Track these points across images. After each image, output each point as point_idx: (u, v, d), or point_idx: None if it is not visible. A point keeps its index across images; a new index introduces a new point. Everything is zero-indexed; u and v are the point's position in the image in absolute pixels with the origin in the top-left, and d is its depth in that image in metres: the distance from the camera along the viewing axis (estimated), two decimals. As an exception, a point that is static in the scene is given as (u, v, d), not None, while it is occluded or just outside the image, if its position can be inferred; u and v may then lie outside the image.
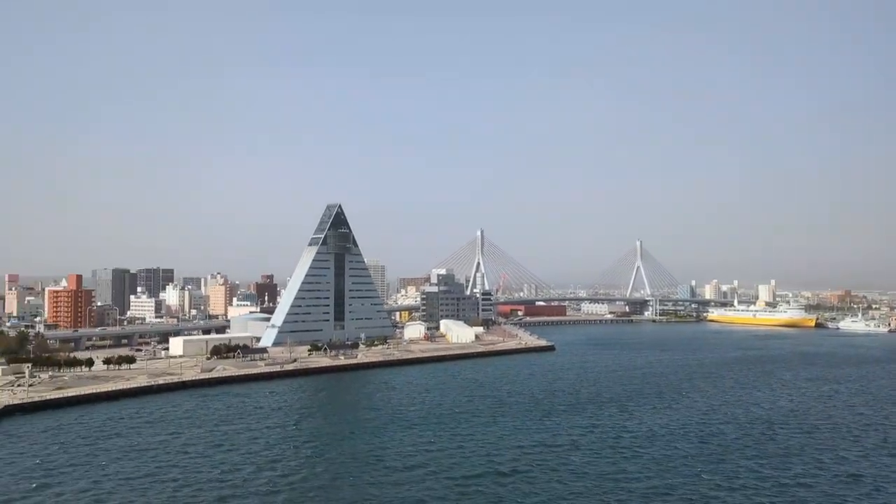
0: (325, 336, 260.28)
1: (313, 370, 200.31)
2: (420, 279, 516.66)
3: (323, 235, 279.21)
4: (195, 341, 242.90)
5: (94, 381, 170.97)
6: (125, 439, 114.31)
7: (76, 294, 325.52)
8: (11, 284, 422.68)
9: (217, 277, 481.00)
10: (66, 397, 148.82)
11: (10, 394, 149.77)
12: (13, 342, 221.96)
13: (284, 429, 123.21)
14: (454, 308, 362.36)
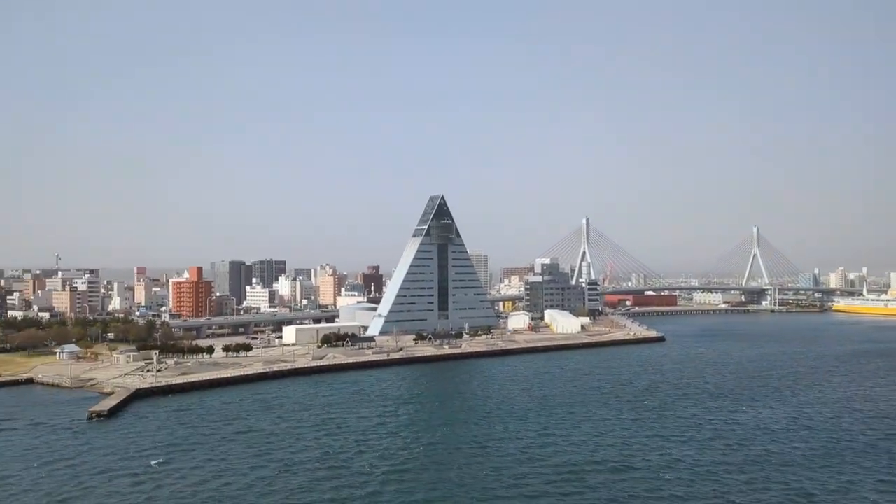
0: (430, 326, 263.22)
1: (418, 359, 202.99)
2: (523, 269, 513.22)
3: (426, 226, 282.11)
4: (306, 330, 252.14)
5: (215, 367, 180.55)
6: (241, 422, 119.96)
7: (197, 285, 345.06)
8: (140, 276, 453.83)
9: (326, 268, 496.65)
10: (189, 382, 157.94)
11: (141, 378, 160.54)
12: (142, 330, 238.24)
13: (390, 415, 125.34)
14: (559, 298, 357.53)
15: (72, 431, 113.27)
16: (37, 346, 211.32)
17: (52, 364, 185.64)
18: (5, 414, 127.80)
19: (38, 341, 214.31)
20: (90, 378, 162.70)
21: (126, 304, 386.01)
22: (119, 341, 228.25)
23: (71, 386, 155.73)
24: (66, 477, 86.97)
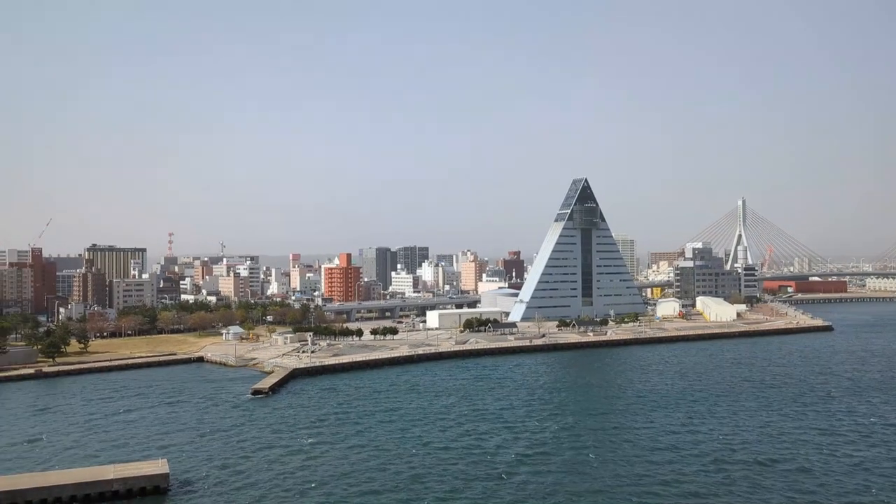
0: (573, 312, 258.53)
1: (561, 345, 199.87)
2: (673, 253, 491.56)
3: (569, 211, 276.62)
4: (449, 315, 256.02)
5: (364, 349, 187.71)
6: (388, 402, 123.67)
7: (346, 271, 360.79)
8: (294, 263, 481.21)
9: (468, 254, 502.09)
10: (341, 363, 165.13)
11: (297, 358, 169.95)
12: (298, 314, 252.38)
13: (531, 400, 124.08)
14: (712, 284, 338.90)
15: (237, 407, 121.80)
16: (206, 327, 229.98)
17: (219, 344, 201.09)
18: (180, 388, 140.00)
19: (207, 323, 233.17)
20: (252, 357, 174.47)
21: (283, 288, 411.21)
22: (277, 323, 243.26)
23: (236, 364, 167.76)
24: (230, 448, 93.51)
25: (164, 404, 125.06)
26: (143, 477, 75.75)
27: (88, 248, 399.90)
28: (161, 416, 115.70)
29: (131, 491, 74.06)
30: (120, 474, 75.85)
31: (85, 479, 74.97)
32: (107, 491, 73.50)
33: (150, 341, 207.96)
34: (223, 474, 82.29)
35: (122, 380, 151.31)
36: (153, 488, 75.07)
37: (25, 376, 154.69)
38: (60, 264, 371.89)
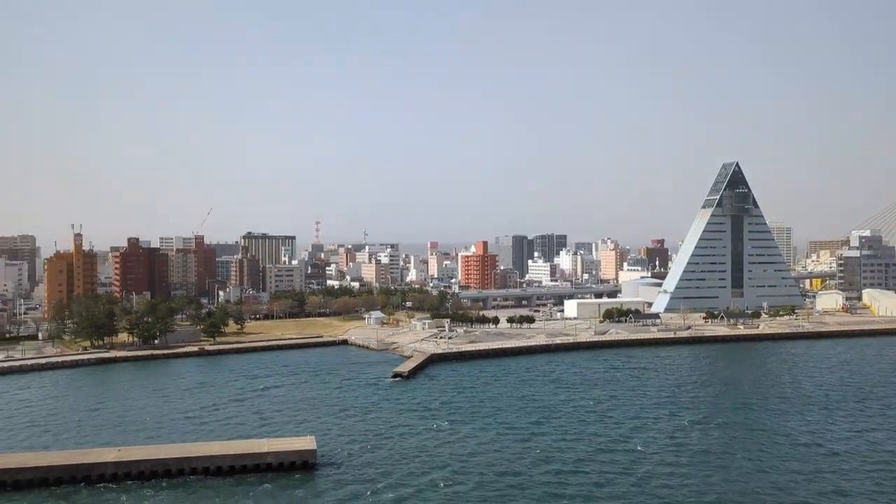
0: (722, 303, 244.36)
1: (708, 338, 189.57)
2: (836, 242, 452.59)
3: (718, 196, 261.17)
4: (588, 304, 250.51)
5: (500, 336, 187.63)
6: (524, 390, 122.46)
7: (483, 259, 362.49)
8: (432, 250, 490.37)
9: (608, 242, 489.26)
10: (477, 350, 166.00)
11: (435, 344, 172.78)
12: (435, 300, 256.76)
13: (673, 394, 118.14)
14: (881, 275, 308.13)
15: (378, 388, 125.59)
16: (349, 311, 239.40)
17: (362, 328, 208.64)
18: (326, 369, 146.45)
19: (351, 307, 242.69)
20: (393, 342, 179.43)
21: (421, 275, 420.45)
22: (416, 309, 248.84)
23: (377, 348, 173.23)
24: (371, 427, 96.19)
25: (310, 384, 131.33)
26: (294, 452, 79.58)
27: (244, 235, 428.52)
28: (308, 394, 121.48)
29: (283, 465, 78.02)
30: (273, 448, 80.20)
31: (242, 450, 79.99)
32: (261, 463, 77.89)
33: (299, 324, 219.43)
34: (365, 452, 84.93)
35: (273, 359, 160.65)
36: (302, 463, 78.67)
37: (190, 353, 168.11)
38: (220, 251, 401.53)
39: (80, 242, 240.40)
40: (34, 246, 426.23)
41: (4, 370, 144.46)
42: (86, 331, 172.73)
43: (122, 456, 77.47)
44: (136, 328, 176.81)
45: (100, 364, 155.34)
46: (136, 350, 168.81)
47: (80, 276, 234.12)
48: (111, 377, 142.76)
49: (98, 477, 74.19)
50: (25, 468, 74.19)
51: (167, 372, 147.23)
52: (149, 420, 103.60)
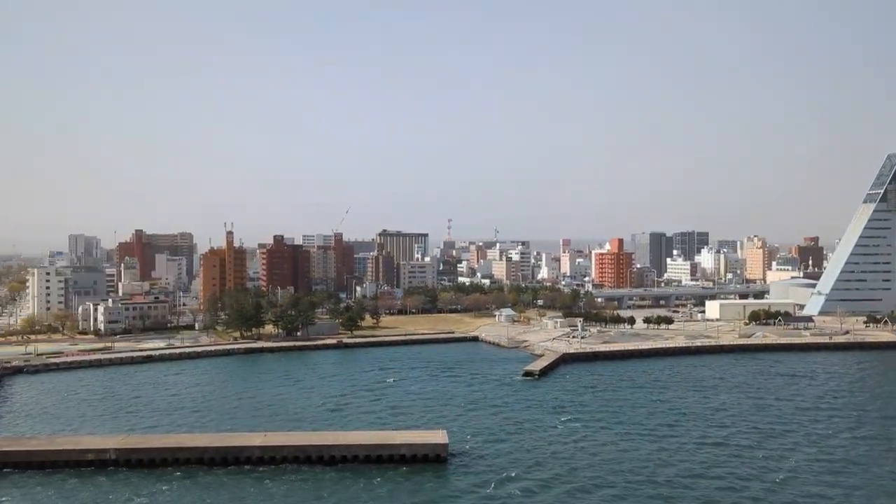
0: (886, 307, 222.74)
1: (869, 344, 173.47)
2: None
3: (882, 191, 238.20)
4: (731, 305, 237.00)
5: (636, 337, 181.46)
6: (659, 393, 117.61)
7: (618, 257, 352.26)
8: (564, 248, 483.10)
9: (754, 240, 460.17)
10: (611, 350, 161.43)
11: (567, 343, 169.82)
12: (567, 298, 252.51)
13: (828, 404, 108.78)
14: None
15: (508, 386, 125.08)
16: (480, 308, 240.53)
17: (492, 325, 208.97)
18: (458, 364, 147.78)
19: (482, 304, 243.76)
20: (524, 340, 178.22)
21: (552, 273, 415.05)
22: (547, 307, 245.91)
23: (508, 346, 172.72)
24: (501, 424, 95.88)
25: (442, 378, 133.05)
26: (426, 445, 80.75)
27: (379, 233, 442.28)
28: (439, 389, 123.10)
29: (416, 457, 79.36)
30: (406, 440, 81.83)
31: (378, 441, 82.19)
32: (395, 454, 79.64)
33: (431, 319, 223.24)
34: (495, 449, 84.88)
35: (406, 353, 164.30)
36: (434, 456, 79.63)
37: (330, 345, 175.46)
38: (357, 247, 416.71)
39: (232, 240, 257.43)
40: (192, 243, 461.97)
41: (166, 357, 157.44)
42: (236, 322, 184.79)
43: (267, 441, 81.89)
44: (281, 320, 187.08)
45: (248, 353, 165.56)
46: (281, 341, 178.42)
47: (231, 271, 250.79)
48: (258, 366, 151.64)
49: (246, 459, 78.86)
50: (184, 447, 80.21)
51: (308, 362, 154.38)
52: (291, 408, 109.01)
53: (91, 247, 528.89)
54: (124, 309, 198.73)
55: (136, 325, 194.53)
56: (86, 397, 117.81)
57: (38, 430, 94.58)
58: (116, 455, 78.68)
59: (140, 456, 78.90)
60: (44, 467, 77.31)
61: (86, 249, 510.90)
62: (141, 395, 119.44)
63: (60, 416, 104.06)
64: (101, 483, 73.29)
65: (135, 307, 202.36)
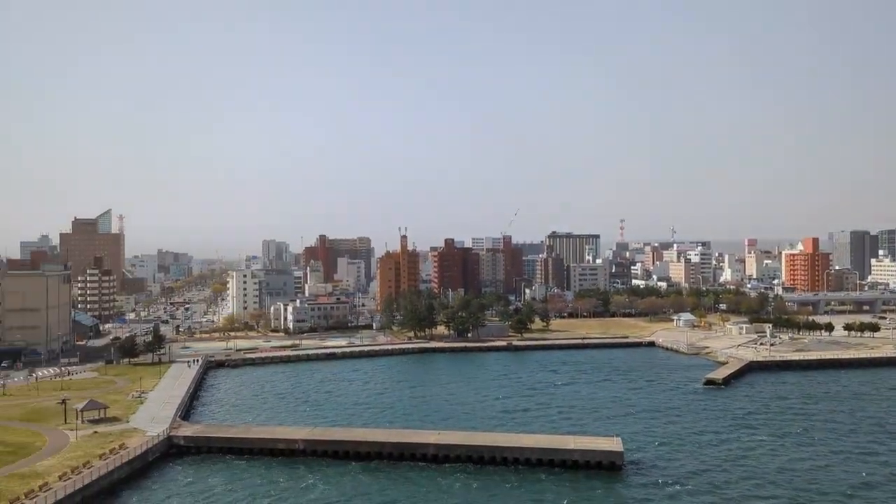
0: None
1: None
2: None
3: None
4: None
5: (834, 345, 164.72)
6: (856, 407, 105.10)
7: (812, 257, 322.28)
8: (750, 248, 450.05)
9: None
10: (805, 359, 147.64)
11: (754, 351, 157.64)
12: (754, 302, 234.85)
13: None
14: None
15: (688, 394, 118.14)
16: (656, 312, 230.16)
17: (670, 330, 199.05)
18: (632, 370, 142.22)
19: (658, 308, 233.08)
20: (705, 346, 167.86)
21: (737, 275, 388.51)
22: (730, 312, 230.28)
23: (687, 352, 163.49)
24: (682, 435, 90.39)
25: (615, 384, 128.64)
26: (600, 452, 77.96)
27: (549, 235, 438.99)
28: (612, 394, 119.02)
29: (588, 463, 76.88)
30: (579, 446, 79.54)
31: (549, 445, 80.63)
32: (568, 460, 77.67)
33: (603, 323, 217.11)
34: (674, 459, 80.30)
35: (577, 357, 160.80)
36: (609, 464, 76.68)
37: (500, 347, 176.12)
38: (525, 250, 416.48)
39: (406, 243, 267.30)
40: (369, 246, 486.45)
41: (347, 354, 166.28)
42: (410, 322, 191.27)
43: (441, 439, 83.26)
44: (452, 322, 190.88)
45: (421, 353, 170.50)
46: (452, 342, 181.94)
47: (405, 274, 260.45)
48: (431, 365, 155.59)
49: (421, 456, 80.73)
50: (363, 441, 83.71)
51: (478, 363, 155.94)
52: (462, 407, 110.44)
53: (281, 251, 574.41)
54: (310, 309, 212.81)
55: (320, 324, 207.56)
56: (276, 390, 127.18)
57: (237, 419, 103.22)
58: (304, 446, 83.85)
59: (325, 447, 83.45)
60: (242, 453, 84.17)
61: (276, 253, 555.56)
62: (324, 389, 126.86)
63: (254, 407, 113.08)
64: (291, 469, 78.51)
65: (319, 307, 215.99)
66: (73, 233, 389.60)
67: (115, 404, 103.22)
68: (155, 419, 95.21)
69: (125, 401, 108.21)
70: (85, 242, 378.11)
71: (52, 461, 75.57)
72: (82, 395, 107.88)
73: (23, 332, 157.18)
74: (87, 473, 70.46)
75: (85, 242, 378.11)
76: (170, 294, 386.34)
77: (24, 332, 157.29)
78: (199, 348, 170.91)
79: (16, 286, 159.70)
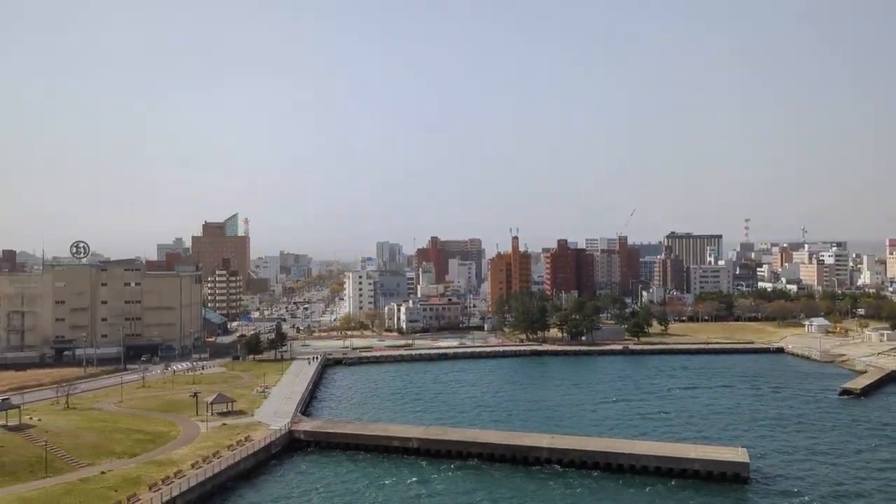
0: None
1: None
2: None
3: None
4: None
5: None
6: None
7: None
8: (892, 249, 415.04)
9: None
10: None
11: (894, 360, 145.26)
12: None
13: None
14: None
15: (822, 404, 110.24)
16: (785, 316, 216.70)
17: (800, 335, 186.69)
18: (758, 378, 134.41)
19: (787, 312, 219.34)
20: (840, 353, 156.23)
21: (877, 278, 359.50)
22: (869, 317, 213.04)
23: (820, 359, 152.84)
24: (815, 447, 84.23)
25: (740, 391, 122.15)
26: (724, 462, 73.99)
27: (667, 235, 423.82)
28: (737, 402, 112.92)
29: (711, 474, 73.15)
30: (701, 455, 75.83)
31: (668, 453, 77.37)
32: (688, 469, 74.24)
33: (726, 328, 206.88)
34: (805, 474, 74.97)
35: (698, 363, 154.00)
36: (733, 475, 72.70)
37: (615, 351, 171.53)
38: (643, 251, 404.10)
39: (517, 244, 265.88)
40: (480, 248, 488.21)
41: (458, 355, 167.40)
42: (522, 324, 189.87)
43: (554, 443, 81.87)
44: (566, 324, 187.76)
45: (533, 355, 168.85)
46: (566, 345, 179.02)
47: (516, 275, 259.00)
48: (543, 368, 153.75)
49: (534, 460, 79.73)
50: (476, 442, 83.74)
51: (593, 367, 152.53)
52: (576, 411, 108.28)
53: (394, 253, 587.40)
54: (422, 309, 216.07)
55: (432, 325, 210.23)
56: (390, 389, 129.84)
57: (353, 416, 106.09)
58: (418, 444, 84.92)
59: (438, 447, 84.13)
60: (358, 449, 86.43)
61: (390, 255, 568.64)
62: (437, 389, 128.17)
63: (369, 404, 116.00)
64: (405, 466, 79.95)
65: (431, 308, 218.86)
66: (204, 235, 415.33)
67: (241, 398, 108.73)
68: (277, 413, 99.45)
69: (250, 395, 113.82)
70: (214, 245, 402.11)
71: (186, 450, 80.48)
72: (212, 388, 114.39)
73: (159, 328, 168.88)
74: (217, 463, 74.49)
75: (214, 245, 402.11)
76: (291, 294, 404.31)
77: (161, 328, 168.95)
78: (318, 346, 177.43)
79: (153, 286, 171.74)
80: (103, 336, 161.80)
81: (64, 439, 79.10)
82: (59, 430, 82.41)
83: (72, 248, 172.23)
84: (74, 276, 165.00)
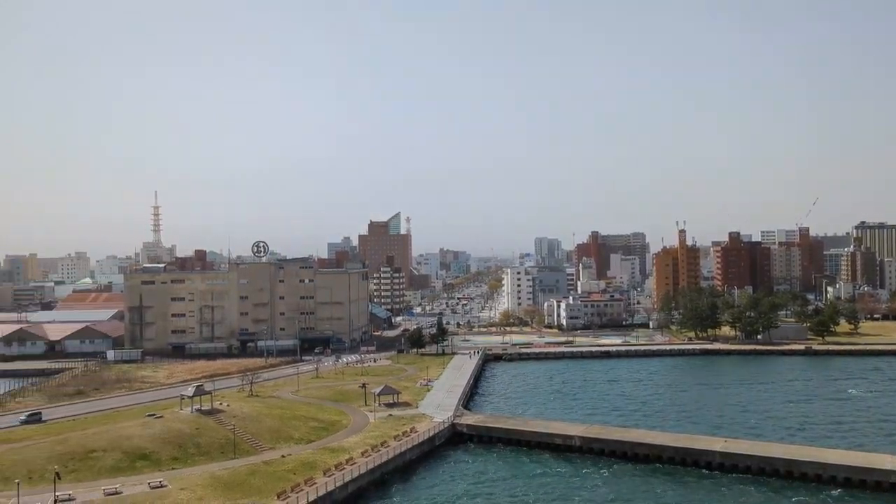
0: None
1: None
2: None
3: None
4: None
5: None
6: None
7: None
8: None
9: None
10: None
11: None
12: None
13: None
14: None
15: None
16: None
17: None
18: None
19: None
20: None
21: None
22: None
23: None
24: None
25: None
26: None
27: (856, 226, 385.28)
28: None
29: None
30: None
31: (860, 463, 70.07)
32: (883, 481, 66.83)
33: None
34: None
35: (894, 365, 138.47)
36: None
37: (795, 351, 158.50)
38: (826, 243, 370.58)
39: (684, 238, 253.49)
40: (644, 242, 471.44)
41: (622, 353, 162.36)
42: (690, 322, 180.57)
43: (728, 447, 76.85)
44: (739, 322, 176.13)
45: (703, 354, 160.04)
46: (739, 344, 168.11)
47: (684, 270, 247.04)
48: (714, 368, 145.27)
49: (706, 464, 75.31)
50: (641, 443, 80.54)
51: (770, 368, 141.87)
52: (751, 414, 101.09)
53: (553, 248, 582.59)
54: (583, 306, 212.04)
55: (593, 322, 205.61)
56: (550, 385, 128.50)
57: (513, 411, 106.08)
58: (580, 442, 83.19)
59: (601, 446, 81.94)
60: (519, 444, 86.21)
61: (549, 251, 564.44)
62: (598, 387, 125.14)
63: (529, 400, 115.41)
64: (567, 464, 78.70)
65: (592, 304, 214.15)
66: (369, 234, 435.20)
67: (405, 391, 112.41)
68: (440, 406, 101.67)
69: (414, 388, 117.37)
70: (378, 243, 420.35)
71: (356, 438, 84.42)
72: (378, 380, 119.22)
73: (330, 322, 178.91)
74: (385, 452, 77.44)
75: (378, 243, 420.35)
76: (451, 290, 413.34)
77: (332, 322, 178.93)
78: (478, 341, 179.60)
79: (325, 282, 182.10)
80: (281, 329, 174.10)
81: (249, 424, 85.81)
82: (245, 415, 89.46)
83: (253, 248, 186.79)
84: (256, 273, 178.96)
